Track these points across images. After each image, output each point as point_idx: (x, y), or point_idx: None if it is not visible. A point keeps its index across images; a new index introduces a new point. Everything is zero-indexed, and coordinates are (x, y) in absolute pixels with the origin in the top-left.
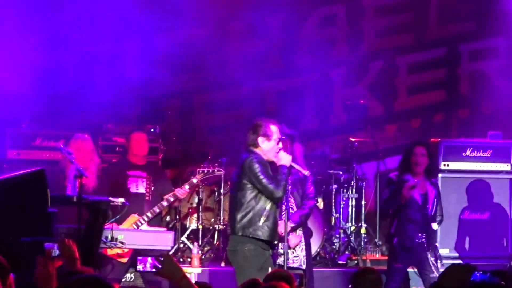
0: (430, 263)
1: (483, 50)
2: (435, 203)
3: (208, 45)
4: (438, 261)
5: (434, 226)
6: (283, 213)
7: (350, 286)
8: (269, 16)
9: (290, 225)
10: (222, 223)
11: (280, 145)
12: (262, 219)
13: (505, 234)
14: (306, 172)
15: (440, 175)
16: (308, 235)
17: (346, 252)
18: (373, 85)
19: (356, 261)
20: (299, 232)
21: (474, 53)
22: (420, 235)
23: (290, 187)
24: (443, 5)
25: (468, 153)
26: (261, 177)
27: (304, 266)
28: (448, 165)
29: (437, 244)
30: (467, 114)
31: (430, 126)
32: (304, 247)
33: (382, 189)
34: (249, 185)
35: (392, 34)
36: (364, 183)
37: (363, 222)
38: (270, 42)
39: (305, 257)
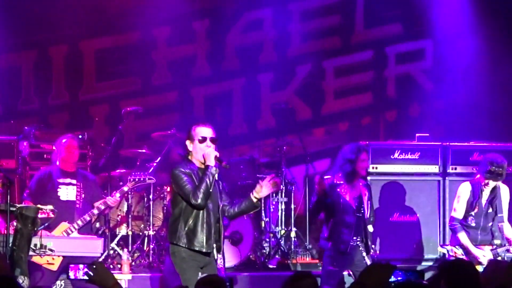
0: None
1: (410, 53)
2: (369, 205)
3: (136, 49)
4: None
5: (370, 228)
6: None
7: None
8: (197, 20)
9: None
10: (151, 229)
11: (208, 143)
12: (185, 229)
13: (434, 236)
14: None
15: (368, 177)
16: (236, 239)
17: (276, 256)
18: (300, 89)
19: (286, 265)
20: None
21: (400, 56)
22: (355, 238)
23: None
24: (369, 8)
25: (396, 155)
26: (180, 183)
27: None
28: (376, 168)
29: (373, 246)
30: (394, 116)
31: (358, 129)
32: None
33: (312, 193)
34: (175, 195)
35: (319, 37)
36: (293, 187)
37: (293, 226)
38: (197, 46)
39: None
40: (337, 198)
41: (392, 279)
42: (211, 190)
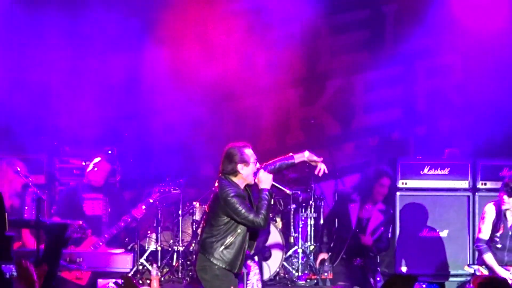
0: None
1: (440, 67)
2: (378, 230)
3: (162, 65)
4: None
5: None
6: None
7: None
8: (226, 35)
9: None
10: (181, 244)
11: (258, 165)
12: (223, 247)
13: (463, 252)
14: (289, 192)
15: (398, 193)
16: (266, 255)
17: (306, 272)
18: (330, 103)
19: (315, 281)
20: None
21: (430, 70)
22: (354, 258)
23: None
24: (398, 22)
25: (425, 171)
26: (239, 210)
27: None
28: (406, 183)
29: (378, 268)
30: (424, 131)
31: (387, 143)
32: (257, 271)
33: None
34: (224, 216)
35: (348, 52)
36: (322, 202)
37: None
38: (225, 61)
39: (258, 281)
40: (345, 214)
41: None
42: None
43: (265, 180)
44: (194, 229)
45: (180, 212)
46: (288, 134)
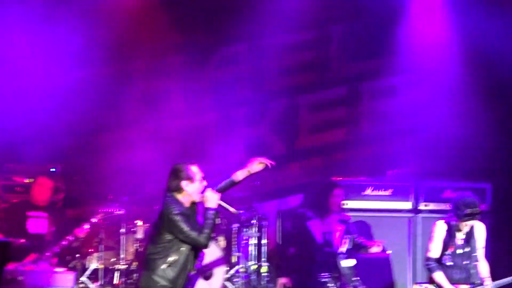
0: None
1: (383, 89)
2: (342, 241)
3: (109, 83)
4: None
5: (348, 263)
6: None
7: None
8: (171, 55)
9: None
10: (123, 263)
11: (205, 183)
12: (165, 265)
13: (404, 272)
14: (235, 211)
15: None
16: (207, 275)
17: None
18: (275, 123)
19: None
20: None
21: (374, 92)
22: (323, 274)
23: None
24: (343, 44)
25: (368, 192)
26: (183, 227)
27: None
28: (347, 204)
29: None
30: (367, 152)
31: (331, 165)
32: None
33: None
34: (168, 234)
35: (294, 73)
36: (265, 222)
37: (264, 261)
38: (172, 81)
39: None
40: (305, 232)
41: None
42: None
43: (211, 199)
44: (136, 247)
45: (122, 230)
46: (232, 153)
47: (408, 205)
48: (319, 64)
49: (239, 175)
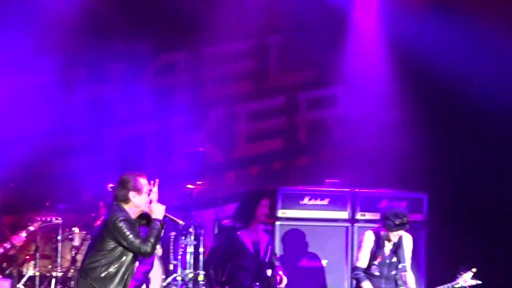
0: None
1: (321, 99)
2: (268, 250)
3: (51, 90)
4: None
5: (269, 272)
6: None
7: None
8: (110, 62)
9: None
10: (59, 270)
11: (152, 196)
12: (106, 273)
13: (341, 282)
14: (181, 222)
15: (277, 222)
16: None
17: None
18: (212, 132)
19: None
20: None
21: (312, 102)
22: (254, 284)
23: None
24: (282, 54)
25: (306, 201)
26: (127, 234)
27: None
28: (285, 213)
29: None
30: (305, 162)
31: (268, 173)
32: None
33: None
34: (111, 241)
35: (232, 82)
36: (202, 230)
37: (201, 269)
38: (111, 88)
39: None
40: (236, 242)
41: None
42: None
43: (158, 211)
44: (73, 254)
45: (59, 237)
46: (170, 162)
47: (345, 214)
48: (258, 73)
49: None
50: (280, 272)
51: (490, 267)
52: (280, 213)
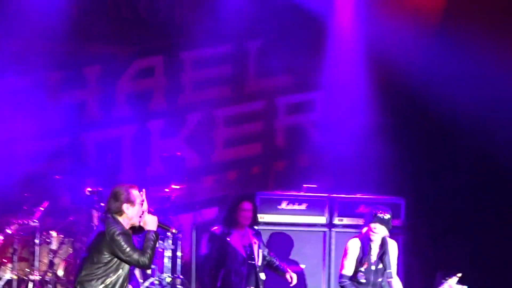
0: None
1: (300, 104)
2: (259, 253)
3: (29, 93)
4: None
5: (262, 276)
6: None
7: None
8: (88, 66)
9: None
10: (37, 274)
11: (144, 207)
12: (103, 285)
13: (318, 286)
14: (175, 231)
15: (255, 227)
16: None
17: None
18: (190, 137)
19: None
20: None
21: (290, 107)
22: (247, 287)
23: None
24: (261, 59)
25: (283, 205)
26: (125, 248)
27: None
28: (263, 218)
29: None
30: (283, 167)
31: (246, 178)
32: None
33: (200, 242)
34: (108, 254)
35: (210, 86)
36: (180, 235)
37: (179, 274)
38: (88, 92)
39: None
40: (227, 247)
41: None
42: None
43: (151, 222)
44: (50, 258)
45: (36, 241)
46: (148, 166)
47: (322, 219)
48: (236, 78)
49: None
50: (289, 271)
51: (469, 271)
52: (258, 217)
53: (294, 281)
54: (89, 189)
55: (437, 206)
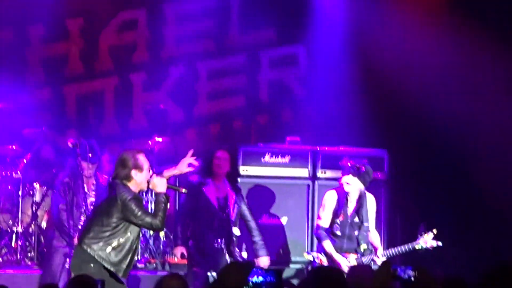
0: None
1: (283, 58)
2: (235, 208)
3: (8, 47)
4: None
5: (235, 231)
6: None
7: None
8: (70, 18)
9: None
10: (20, 226)
11: (151, 172)
12: (110, 247)
13: (302, 239)
14: (184, 190)
15: (238, 179)
16: None
17: (145, 256)
18: (173, 90)
19: (154, 265)
20: None
21: (273, 61)
22: (218, 240)
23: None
24: (243, 12)
25: (266, 158)
26: (137, 212)
27: None
28: (246, 170)
29: (237, 248)
30: (266, 120)
31: (229, 131)
32: None
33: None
34: (118, 219)
35: (193, 40)
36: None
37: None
38: (71, 45)
39: None
40: (200, 197)
41: (255, 279)
42: None
43: (160, 185)
44: (34, 210)
45: (20, 193)
46: (130, 119)
47: (305, 172)
48: (219, 31)
49: (166, 174)
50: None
51: (451, 224)
52: (242, 170)
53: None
54: (71, 141)
55: (421, 159)
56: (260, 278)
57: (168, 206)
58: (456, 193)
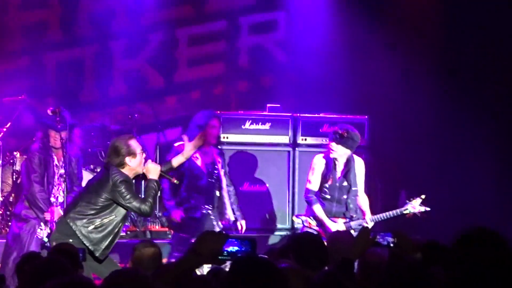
0: None
1: (263, 24)
2: (221, 173)
3: None
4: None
5: (226, 199)
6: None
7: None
8: None
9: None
10: (0, 194)
11: (144, 155)
12: (92, 226)
13: (283, 205)
14: (176, 181)
15: (219, 147)
16: None
17: (126, 224)
18: (153, 56)
19: (135, 233)
20: None
21: (253, 27)
22: (206, 205)
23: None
24: None
25: (247, 125)
26: (126, 195)
27: None
28: (227, 138)
29: (227, 212)
30: (246, 87)
31: (209, 98)
32: None
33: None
34: (106, 199)
35: (172, 6)
36: (144, 155)
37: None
38: (50, 12)
39: None
40: (190, 164)
41: (230, 249)
42: None
43: (153, 171)
44: (14, 179)
45: (0, 162)
46: (110, 86)
47: (286, 139)
48: None
49: (175, 162)
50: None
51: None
52: (222, 137)
53: (243, 230)
54: (51, 109)
55: (402, 124)
56: (235, 248)
57: (158, 193)
58: (437, 158)
